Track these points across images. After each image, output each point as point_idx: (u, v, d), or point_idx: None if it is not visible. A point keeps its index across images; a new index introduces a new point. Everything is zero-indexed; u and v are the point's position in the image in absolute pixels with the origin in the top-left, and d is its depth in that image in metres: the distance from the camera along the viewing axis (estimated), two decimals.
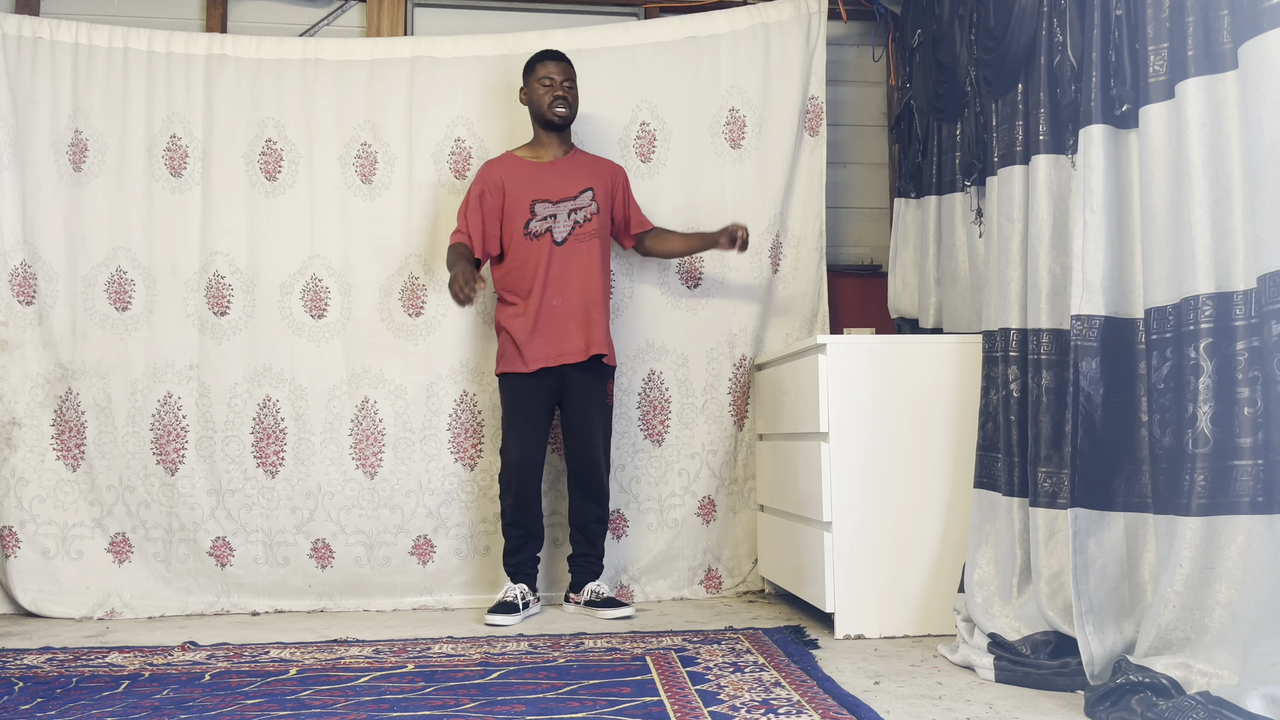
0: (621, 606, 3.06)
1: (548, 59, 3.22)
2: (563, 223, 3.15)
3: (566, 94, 3.20)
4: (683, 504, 3.42)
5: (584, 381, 3.15)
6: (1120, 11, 2.21)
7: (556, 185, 3.19)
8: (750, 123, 3.51)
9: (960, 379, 2.73)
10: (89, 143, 3.36)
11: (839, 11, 3.60)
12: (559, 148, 3.26)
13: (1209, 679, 1.82)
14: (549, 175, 3.20)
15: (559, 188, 3.19)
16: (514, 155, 3.27)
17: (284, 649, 2.65)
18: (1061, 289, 2.37)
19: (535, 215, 3.16)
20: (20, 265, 3.29)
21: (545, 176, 3.20)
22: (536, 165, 3.23)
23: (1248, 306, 1.87)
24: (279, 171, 3.41)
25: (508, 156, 3.27)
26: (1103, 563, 2.16)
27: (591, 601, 3.11)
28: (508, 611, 2.99)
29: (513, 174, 3.21)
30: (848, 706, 1.96)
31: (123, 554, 3.27)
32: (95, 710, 2.06)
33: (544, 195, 3.18)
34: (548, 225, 3.15)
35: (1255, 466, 1.82)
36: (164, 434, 3.30)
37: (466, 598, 3.34)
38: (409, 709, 2.03)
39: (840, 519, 2.69)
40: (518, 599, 3.05)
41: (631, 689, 2.14)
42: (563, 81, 3.20)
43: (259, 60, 3.43)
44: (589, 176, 3.23)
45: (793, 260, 3.52)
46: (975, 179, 2.93)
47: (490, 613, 2.99)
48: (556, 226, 3.15)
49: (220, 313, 3.36)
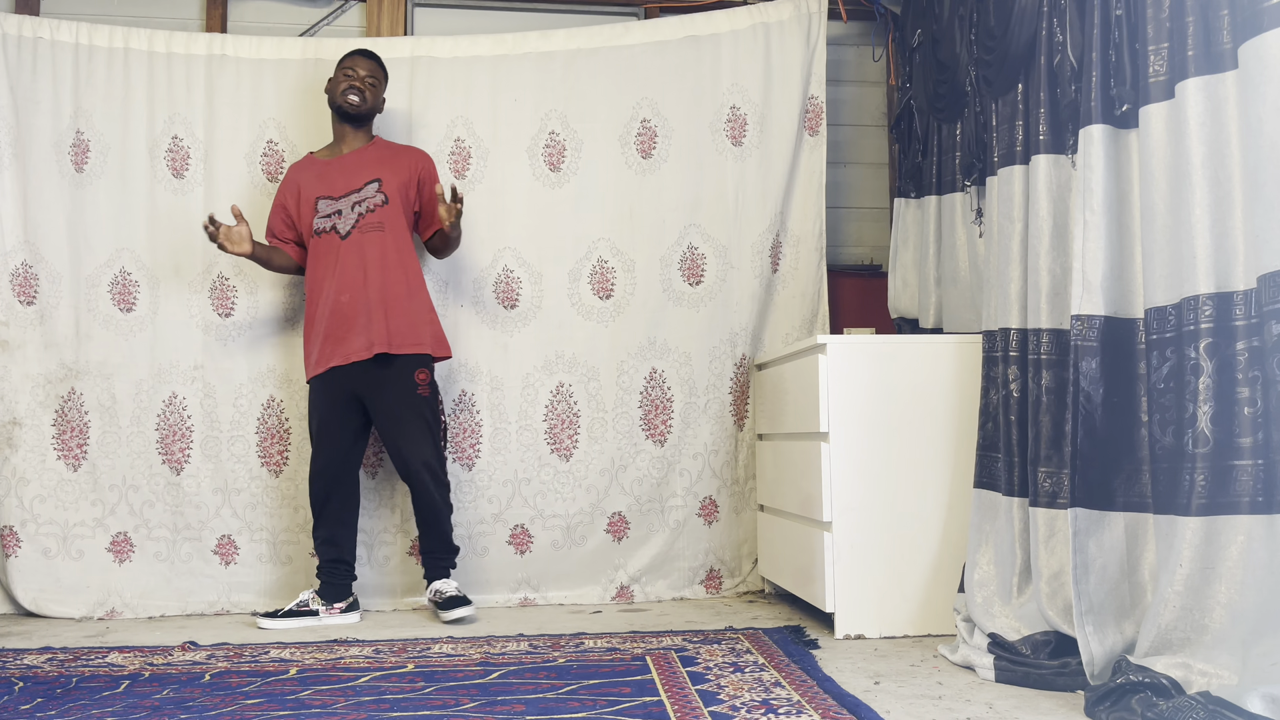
0: (463, 605, 2.98)
1: (356, 54, 3.19)
2: (347, 216, 3.09)
3: (364, 85, 3.15)
4: (684, 505, 3.42)
5: (378, 378, 3.05)
6: (1120, 11, 2.21)
7: (340, 180, 3.14)
8: (751, 121, 3.52)
9: (960, 379, 2.73)
10: (90, 143, 3.36)
11: (839, 11, 3.60)
12: (355, 142, 3.21)
13: (1209, 679, 1.82)
14: (334, 171, 3.16)
15: (342, 182, 3.14)
16: (311, 155, 3.25)
17: (284, 649, 2.65)
18: (1061, 289, 2.37)
19: (319, 212, 3.13)
20: (21, 265, 3.29)
21: (330, 173, 3.16)
22: (326, 163, 3.19)
23: (1248, 306, 1.87)
24: (280, 172, 3.41)
25: (306, 157, 3.26)
26: (1103, 563, 2.16)
27: (434, 601, 3.05)
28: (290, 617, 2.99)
29: (304, 174, 3.19)
30: (848, 706, 1.96)
31: (123, 553, 3.27)
32: (95, 710, 2.06)
33: (327, 191, 3.14)
34: (332, 221, 3.10)
35: (1255, 466, 1.82)
36: (169, 434, 3.31)
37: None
38: (409, 709, 2.03)
39: (840, 519, 2.69)
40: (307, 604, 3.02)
41: (631, 689, 2.14)
42: (365, 76, 3.16)
43: (259, 60, 3.43)
44: (378, 167, 3.16)
45: (793, 260, 3.52)
46: (975, 179, 2.93)
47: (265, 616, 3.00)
48: (340, 221, 3.10)
49: (224, 314, 3.36)
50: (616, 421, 3.41)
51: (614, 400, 3.42)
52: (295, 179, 3.19)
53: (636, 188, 3.47)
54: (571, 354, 3.43)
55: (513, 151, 3.46)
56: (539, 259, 3.44)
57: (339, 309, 3.05)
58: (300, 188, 3.17)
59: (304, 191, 3.16)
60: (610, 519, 3.40)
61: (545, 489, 3.39)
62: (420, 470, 3.05)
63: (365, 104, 3.16)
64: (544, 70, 3.49)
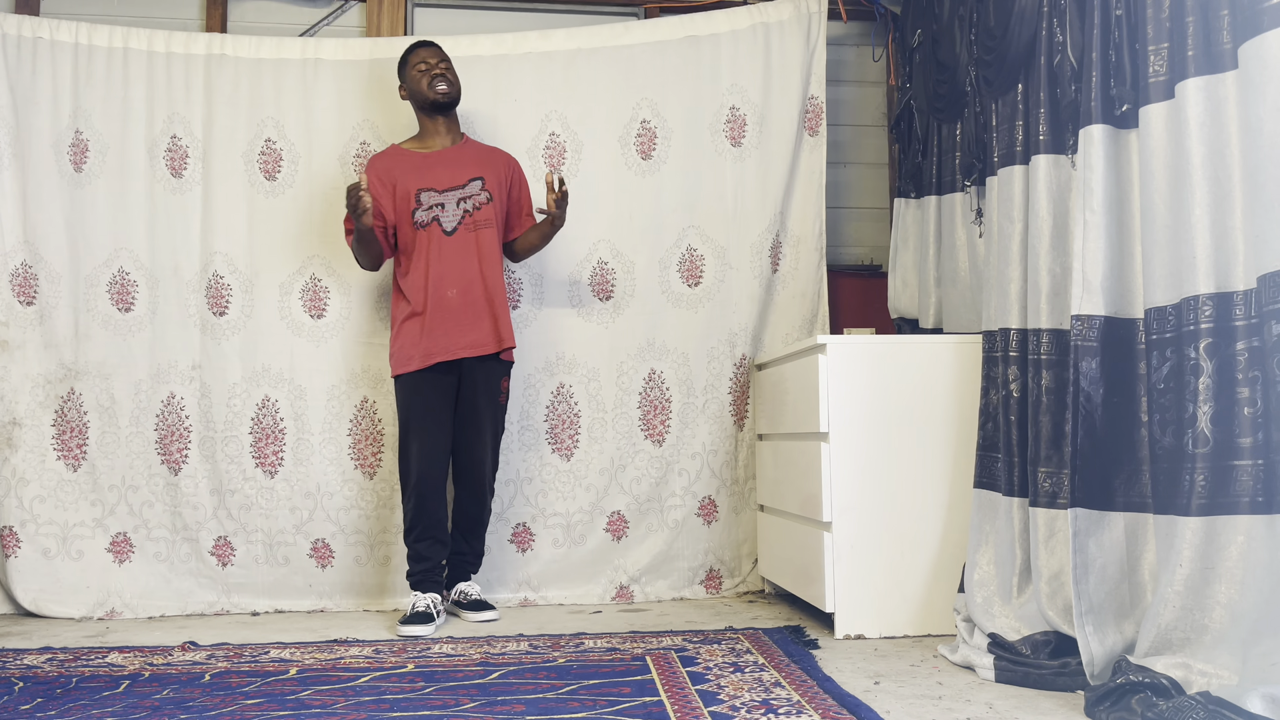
0: (487, 609, 3.00)
1: (419, 47, 3.18)
2: (451, 211, 3.09)
3: (445, 72, 3.14)
4: (683, 504, 3.42)
5: (480, 375, 3.07)
6: (1120, 11, 2.21)
7: (444, 174, 3.12)
8: (751, 121, 3.52)
9: (960, 379, 2.73)
10: (89, 143, 3.36)
11: (839, 11, 3.60)
12: (446, 137, 3.20)
13: (1209, 679, 1.82)
14: (435, 165, 3.14)
15: (446, 176, 3.12)
16: (399, 147, 3.21)
17: (284, 649, 2.65)
18: (1061, 289, 2.37)
19: (420, 204, 3.09)
20: (21, 266, 3.29)
21: (431, 166, 3.14)
22: (422, 155, 3.16)
23: (1248, 306, 1.87)
24: (278, 171, 3.41)
25: (393, 149, 3.21)
26: (1103, 563, 2.16)
27: (458, 602, 3.06)
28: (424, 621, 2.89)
29: (398, 165, 3.15)
30: (848, 706, 1.96)
31: (123, 554, 3.27)
32: (95, 710, 2.06)
33: (430, 184, 3.11)
34: (434, 214, 3.09)
35: (1255, 466, 1.82)
36: (168, 434, 3.30)
37: None
38: (409, 709, 2.03)
39: (840, 519, 2.69)
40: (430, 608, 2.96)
41: (631, 689, 2.14)
42: (438, 63, 3.14)
43: (259, 60, 3.43)
44: (478, 165, 3.16)
45: (793, 260, 3.52)
46: (975, 179, 2.93)
47: (404, 623, 2.88)
48: (444, 216, 3.08)
49: (219, 313, 3.36)
50: (616, 421, 3.42)
51: (614, 400, 3.42)
52: (388, 168, 3.14)
53: (636, 189, 3.47)
54: (572, 355, 3.43)
55: (514, 152, 3.45)
56: (539, 261, 3.44)
57: (446, 304, 3.04)
58: (396, 178, 3.12)
59: (401, 183, 3.11)
60: (610, 518, 3.40)
61: (547, 488, 3.39)
62: (484, 480, 3.11)
63: (454, 89, 3.15)
64: (544, 70, 3.49)
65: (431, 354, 3.02)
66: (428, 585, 3.03)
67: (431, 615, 2.92)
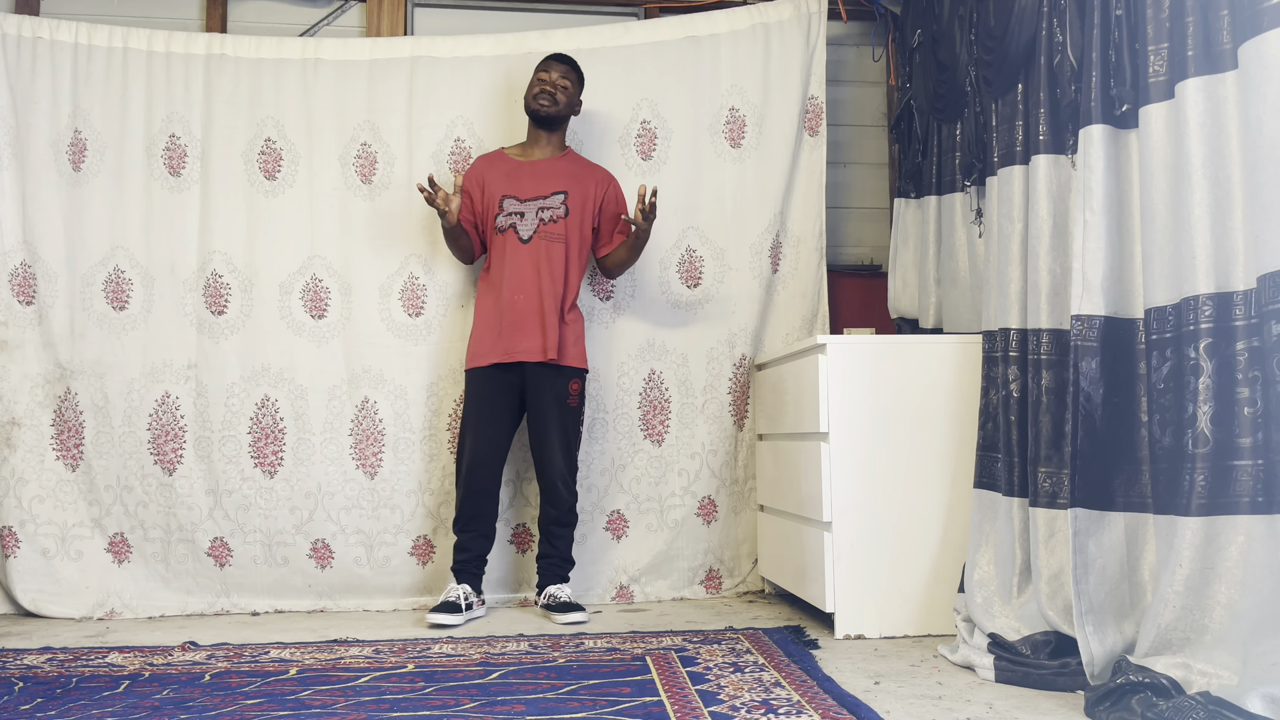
0: (576, 610, 3.02)
1: (552, 60, 3.24)
2: (529, 220, 3.15)
3: (555, 89, 3.18)
4: (683, 504, 3.42)
5: (542, 380, 3.13)
6: (1120, 11, 2.21)
7: (529, 184, 3.19)
8: (750, 122, 3.52)
9: (960, 379, 2.73)
10: (88, 142, 3.36)
11: (839, 11, 3.60)
12: (548, 147, 3.26)
13: (1209, 679, 1.82)
14: (524, 174, 3.21)
15: (531, 186, 3.19)
16: (503, 152, 3.29)
17: (284, 649, 2.65)
18: (1061, 289, 2.37)
19: (503, 210, 3.17)
20: (20, 265, 3.29)
21: (520, 174, 3.21)
22: (517, 163, 3.24)
23: (1248, 306, 1.87)
24: (278, 171, 3.41)
25: (497, 152, 3.30)
26: (1103, 563, 2.16)
27: (548, 605, 3.09)
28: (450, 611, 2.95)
29: (493, 169, 3.24)
30: (848, 706, 1.96)
31: (122, 554, 3.27)
32: (95, 710, 2.06)
33: (514, 192, 3.18)
34: (512, 221, 3.15)
35: (1255, 466, 1.82)
36: (161, 434, 3.30)
37: None
38: (409, 709, 2.03)
39: (840, 519, 2.69)
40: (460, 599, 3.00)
41: (631, 689, 2.14)
42: (557, 79, 3.19)
43: (259, 60, 3.43)
44: (567, 180, 3.21)
45: (793, 260, 3.52)
46: (975, 179, 2.93)
47: (433, 612, 2.95)
48: (522, 224, 3.15)
49: (218, 312, 3.36)
50: (616, 421, 3.42)
51: (614, 401, 3.43)
52: (483, 172, 3.24)
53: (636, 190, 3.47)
54: None
55: None
56: None
57: (514, 307, 3.11)
58: (486, 182, 3.22)
59: (490, 187, 3.21)
60: (609, 517, 3.40)
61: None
62: (555, 480, 3.14)
63: (554, 107, 3.19)
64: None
65: (493, 354, 3.12)
66: (464, 576, 3.09)
67: (459, 606, 2.97)
